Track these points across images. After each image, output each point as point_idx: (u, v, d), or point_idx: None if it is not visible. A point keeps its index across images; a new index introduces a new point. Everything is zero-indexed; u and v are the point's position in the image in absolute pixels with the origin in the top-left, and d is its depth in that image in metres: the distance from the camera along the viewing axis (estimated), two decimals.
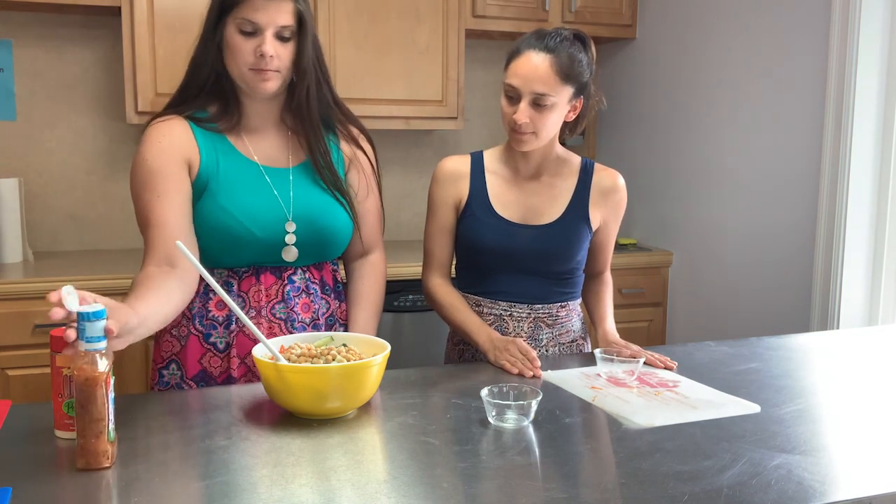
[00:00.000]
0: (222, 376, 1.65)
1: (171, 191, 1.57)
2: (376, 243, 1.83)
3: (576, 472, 1.19)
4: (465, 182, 1.87)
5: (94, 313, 1.14)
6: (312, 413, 1.35)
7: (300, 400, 1.34)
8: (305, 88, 1.66)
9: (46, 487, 1.10)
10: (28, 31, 3.04)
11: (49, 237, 3.14)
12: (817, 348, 1.98)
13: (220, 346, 1.65)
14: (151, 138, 1.61)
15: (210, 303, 1.66)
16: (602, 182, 1.90)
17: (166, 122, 1.63)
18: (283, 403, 1.37)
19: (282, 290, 1.67)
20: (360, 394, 1.37)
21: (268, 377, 1.35)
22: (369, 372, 1.36)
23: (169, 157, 1.59)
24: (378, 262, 1.83)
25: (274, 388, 1.35)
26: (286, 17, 1.58)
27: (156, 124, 1.64)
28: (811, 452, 1.25)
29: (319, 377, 1.32)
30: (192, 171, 1.61)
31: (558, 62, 1.71)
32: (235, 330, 1.64)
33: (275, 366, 1.33)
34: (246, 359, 1.65)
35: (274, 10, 1.56)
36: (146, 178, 1.58)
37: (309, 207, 1.67)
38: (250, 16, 1.56)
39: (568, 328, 1.92)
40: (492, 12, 3.30)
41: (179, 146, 1.60)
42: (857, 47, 2.54)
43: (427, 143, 3.64)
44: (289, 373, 1.32)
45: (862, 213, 2.64)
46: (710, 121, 3.19)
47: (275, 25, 1.57)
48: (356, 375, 1.34)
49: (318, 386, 1.32)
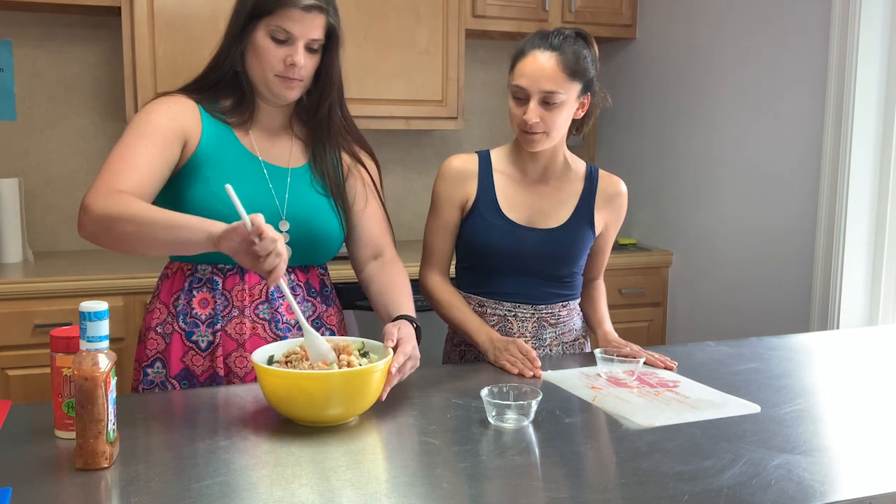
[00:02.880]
0: (205, 375, 1.64)
1: (158, 144, 1.56)
2: (388, 245, 1.79)
3: (576, 472, 1.19)
4: (473, 182, 1.87)
5: (96, 313, 1.14)
6: (313, 420, 1.33)
7: (298, 407, 1.32)
8: (329, 102, 1.68)
9: (46, 487, 1.10)
10: (28, 31, 3.04)
11: (49, 237, 3.14)
12: (817, 348, 1.98)
13: (201, 344, 1.64)
14: (160, 103, 1.63)
15: (194, 300, 1.64)
16: (607, 188, 1.90)
17: (176, 97, 1.65)
18: (282, 412, 1.35)
19: (265, 290, 1.66)
20: (361, 401, 1.35)
21: (264, 385, 1.33)
22: (370, 379, 1.34)
23: (171, 121, 1.59)
24: (394, 260, 1.78)
25: (271, 397, 1.34)
26: (319, 31, 1.60)
27: (166, 96, 1.66)
28: (811, 452, 1.25)
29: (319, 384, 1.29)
30: (188, 148, 1.61)
31: (565, 59, 1.71)
32: (220, 329, 1.63)
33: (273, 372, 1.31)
34: (228, 359, 1.64)
35: (310, 22, 1.58)
36: (140, 126, 1.58)
37: (303, 209, 1.67)
38: (286, 25, 1.57)
39: (570, 327, 1.92)
40: (492, 12, 3.30)
41: (183, 119, 1.61)
42: (857, 47, 2.54)
43: (427, 143, 3.64)
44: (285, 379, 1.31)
45: (862, 213, 2.64)
46: (709, 121, 3.19)
47: (307, 38, 1.58)
48: (356, 383, 1.32)
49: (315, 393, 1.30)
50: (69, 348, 1.23)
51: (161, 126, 1.58)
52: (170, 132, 1.58)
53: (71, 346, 1.22)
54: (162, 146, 1.57)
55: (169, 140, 1.58)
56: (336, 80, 1.68)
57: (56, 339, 1.24)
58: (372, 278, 1.74)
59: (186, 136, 1.61)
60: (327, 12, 1.61)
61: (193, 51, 2.85)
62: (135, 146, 1.55)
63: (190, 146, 1.61)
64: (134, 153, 1.54)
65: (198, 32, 2.86)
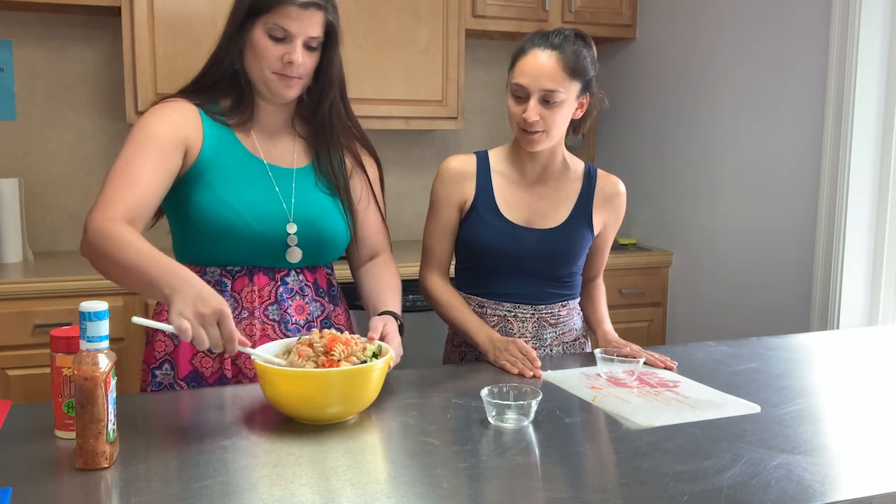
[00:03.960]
0: (213, 377, 1.64)
1: (157, 157, 1.55)
2: (384, 248, 1.82)
3: (576, 472, 1.19)
4: (472, 182, 1.87)
5: (96, 313, 1.14)
6: (312, 419, 1.34)
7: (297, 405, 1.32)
8: (329, 100, 1.68)
9: (46, 487, 1.10)
10: (28, 31, 3.04)
11: (49, 237, 3.14)
12: (817, 348, 1.98)
13: None
14: (160, 111, 1.61)
15: None
16: (605, 188, 1.90)
17: (177, 102, 1.64)
18: (282, 409, 1.35)
19: (275, 291, 1.66)
20: (360, 399, 1.35)
21: (265, 384, 1.34)
22: (369, 377, 1.34)
23: (171, 131, 1.58)
24: (389, 261, 1.81)
25: (271, 395, 1.34)
26: (317, 29, 1.59)
27: (167, 101, 1.64)
28: (811, 452, 1.25)
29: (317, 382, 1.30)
30: (190, 155, 1.60)
31: (565, 58, 1.71)
32: None
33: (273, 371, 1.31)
34: (238, 360, 1.64)
35: (308, 20, 1.57)
36: (141, 139, 1.57)
37: (310, 210, 1.67)
38: (283, 23, 1.56)
39: (570, 326, 1.92)
40: (492, 12, 3.30)
41: (185, 126, 1.60)
42: (857, 47, 2.54)
43: (427, 143, 3.64)
44: (282, 378, 1.31)
45: (862, 213, 2.64)
46: (709, 121, 3.19)
47: (306, 35, 1.58)
48: (355, 380, 1.32)
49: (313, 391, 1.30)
50: (69, 348, 1.23)
51: (161, 138, 1.57)
52: (170, 143, 1.57)
53: (71, 346, 1.22)
54: (162, 158, 1.56)
55: (169, 151, 1.57)
56: (336, 77, 1.68)
57: (56, 339, 1.24)
58: (365, 277, 1.78)
59: (188, 145, 1.60)
60: (325, 9, 1.60)
61: (193, 51, 2.85)
62: (134, 161, 1.54)
63: (192, 153, 1.60)
64: (133, 169, 1.53)
65: (197, 32, 2.86)
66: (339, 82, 1.69)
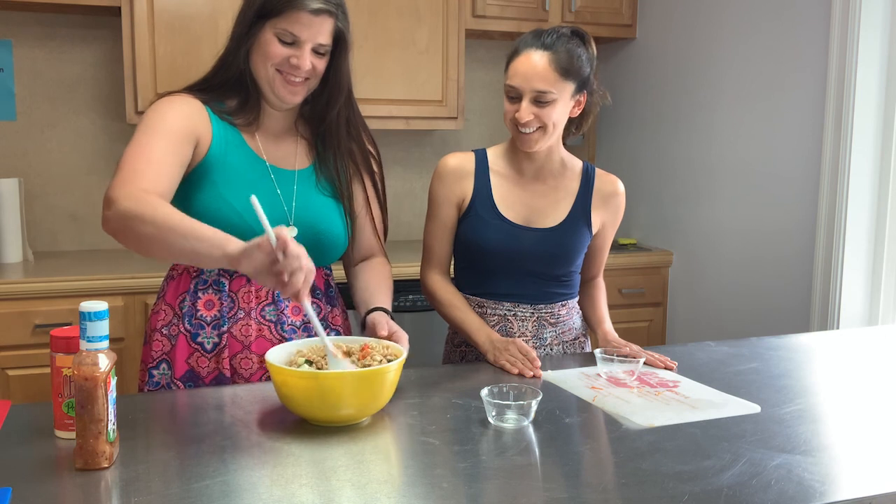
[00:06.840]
0: (210, 377, 1.64)
1: (173, 144, 1.53)
2: (378, 251, 1.82)
3: (576, 472, 1.19)
4: (470, 181, 1.87)
5: (96, 313, 1.14)
6: (325, 420, 1.33)
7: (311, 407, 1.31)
8: (337, 107, 1.68)
9: (46, 487, 1.10)
10: (28, 31, 3.04)
11: (49, 237, 3.14)
12: (817, 348, 1.98)
13: (207, 346, 1.63)
14: (171, 101, 1.60)
15: (199, 302, 1.64)
16: (603, 187, 1.90)
17: (184, 96, 1.62)
18: (294, 410, 1.34)
19: (272, 292, 1.65)
20: (375, 400, 1.34)
21: (279, 383, 1.33)
22: (384, 379, 1.33)
23: (184, 122, 1.57)
24: (383, 262, 1.81)
25: (284, 395, 1.34)
26: (326, 36, 1.59)
27: (175, 94, 1.63)
28: (811, 452, 1.25)
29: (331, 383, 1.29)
30: (199, 150, 1.59)
31: (557, 59, 1.71)
32: (226, 331, 1.63)
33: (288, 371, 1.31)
34: (234, 360, 1.64)
35: (318, 27, 1.57)
36: (154, 125, 1.54)
37: (310, 212, 1.67)
38: (293, 29, 1.55)
39: (570, 326, 1.92)
40: (492, 12, 3.30)
41: (196, 120, 1.59)
42: (857, 47, 2.54)
43: (427, 143, 3.64)
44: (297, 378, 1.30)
45: (862, 213, 2.64)
46: (710, 121, 3.19)
47: (314, 42, 1.57)
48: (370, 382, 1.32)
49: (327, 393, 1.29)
50: (69, 348, 1.23)
51: (174, 125, 1.55)
52: (183, 131, 1.56)
53: (71, 346, 1.22)
54: (176, 145, 1.54)
55: (182, 139, 1.55)
56: (345, 84, 1.68)
57: (56, 339, 1.24)
58: (359, 274, 1.79)
59: (198, 137, 1.59)
60: (336, 16, 1.59)
61: (193, 51, 2.85)
62: (150, 144, 1.52)
63: (201, 148, 1.60)
64: (150, 150, 1.51)
65: (198, 32, 2.86)
66: (347, 89, 1.69)
